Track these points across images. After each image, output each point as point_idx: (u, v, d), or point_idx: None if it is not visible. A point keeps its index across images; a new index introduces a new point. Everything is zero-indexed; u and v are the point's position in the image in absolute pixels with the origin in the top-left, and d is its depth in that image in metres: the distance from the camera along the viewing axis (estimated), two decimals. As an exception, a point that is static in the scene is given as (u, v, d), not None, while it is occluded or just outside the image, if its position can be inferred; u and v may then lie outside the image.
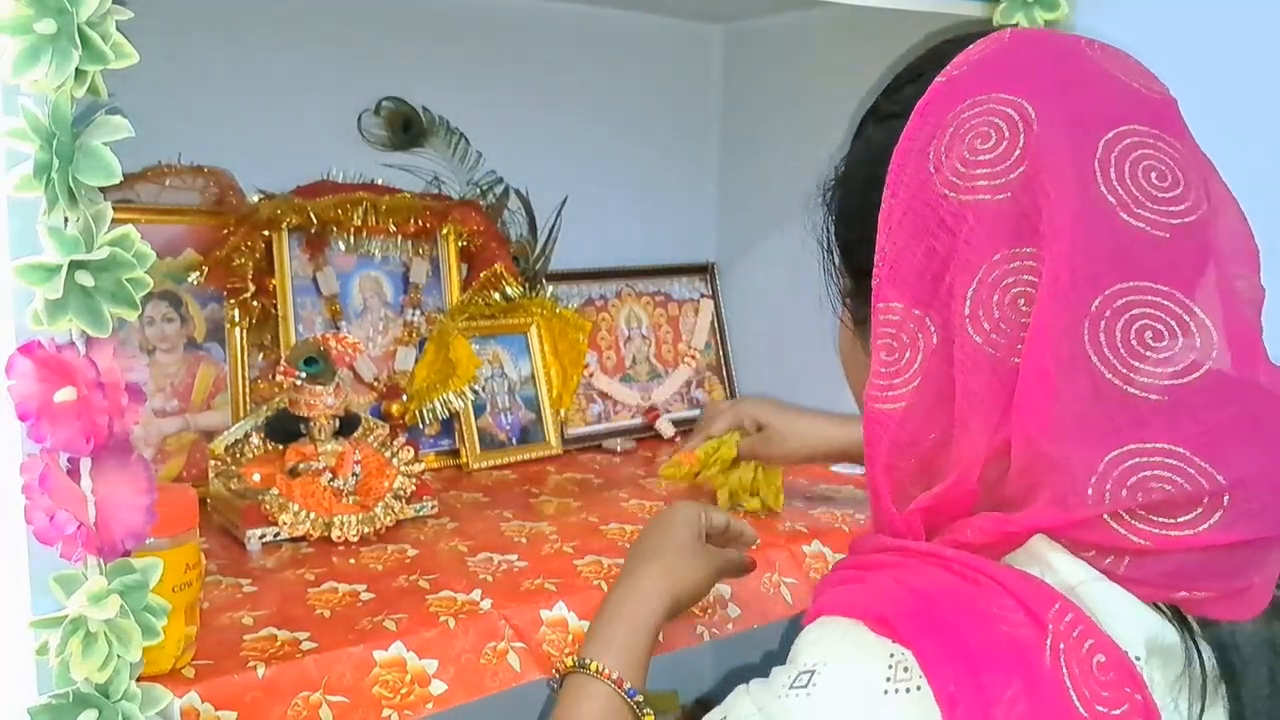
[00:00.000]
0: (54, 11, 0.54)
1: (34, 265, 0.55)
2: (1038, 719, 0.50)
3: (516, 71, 1.43)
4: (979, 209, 0.56)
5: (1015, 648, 0.52)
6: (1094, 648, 0.52)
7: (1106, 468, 0.53)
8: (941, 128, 0.58)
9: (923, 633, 0.53)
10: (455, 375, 1.25)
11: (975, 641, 0.52)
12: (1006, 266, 0.55)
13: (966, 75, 0.59)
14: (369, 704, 0.76)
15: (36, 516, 0.57)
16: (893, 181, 0.59)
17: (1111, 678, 0.51)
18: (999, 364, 0.56)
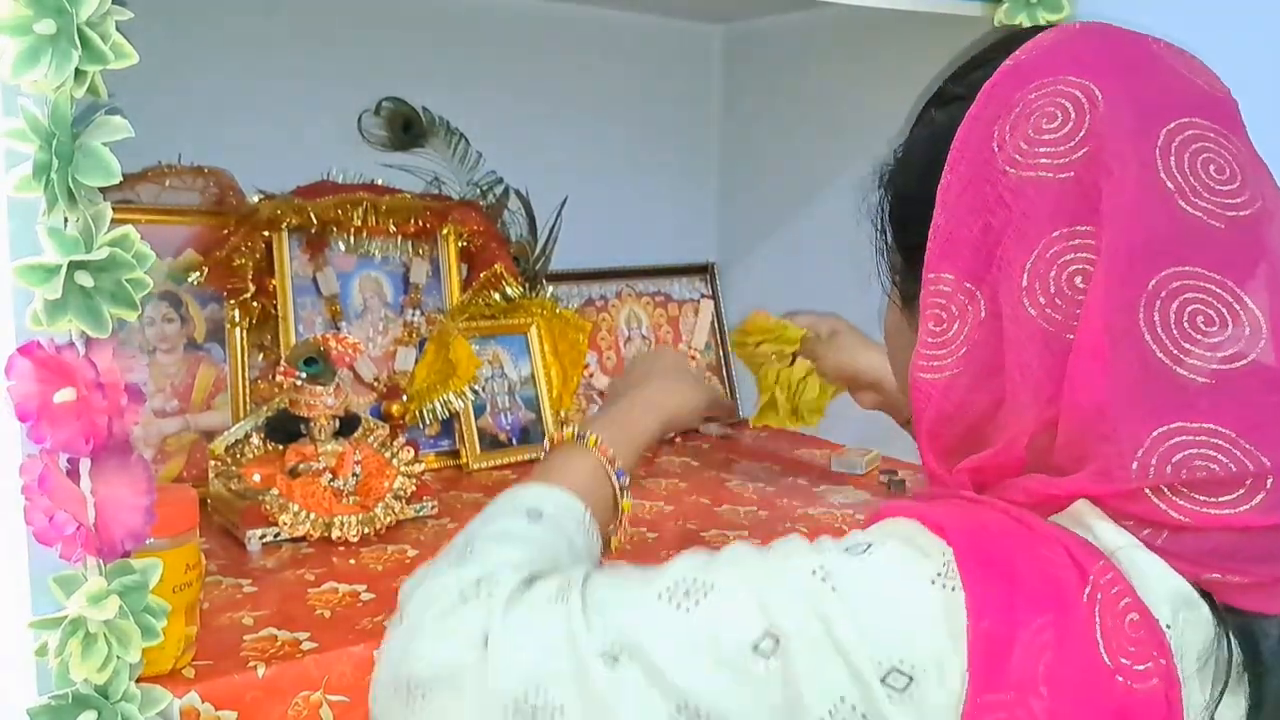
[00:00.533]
0: (53, 12, 0.54)
1: (34, 266, 0.55)
2: (1062, 655, 0.51)
3: (517, 72, 1.43)
4: (1040, 185, 0.57)
5: (1055, 585, 0.53)
6: (1129, 606, 0.53)
7: (1153, 443, 0.54)
8: (1007, 108, 0.59)
9: (972, 546, 0.55)
10: (455, 376, 1.25)
11: (1020, 569, 0.54)
12: (1065, 244, 0.56)
13: (1035, 59, 0.60)
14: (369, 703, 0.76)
15: (36, 517, 0.57)
16: (954, 158, 0.61)
17: (1141, 636, 0.52)
18: (1053, 339, 0.57)
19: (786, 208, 1.53)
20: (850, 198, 1.07)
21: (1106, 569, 0.54)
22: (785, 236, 1.54)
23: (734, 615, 0.55)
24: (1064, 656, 0.51)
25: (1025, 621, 0.52)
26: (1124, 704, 0.51)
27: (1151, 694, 0.52)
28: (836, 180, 1.44)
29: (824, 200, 1.46)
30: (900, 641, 0.53)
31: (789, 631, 0.54)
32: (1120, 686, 0.51)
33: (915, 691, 0.52)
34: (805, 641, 0.53)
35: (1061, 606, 0.52)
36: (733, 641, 0.54)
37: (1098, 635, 0.52)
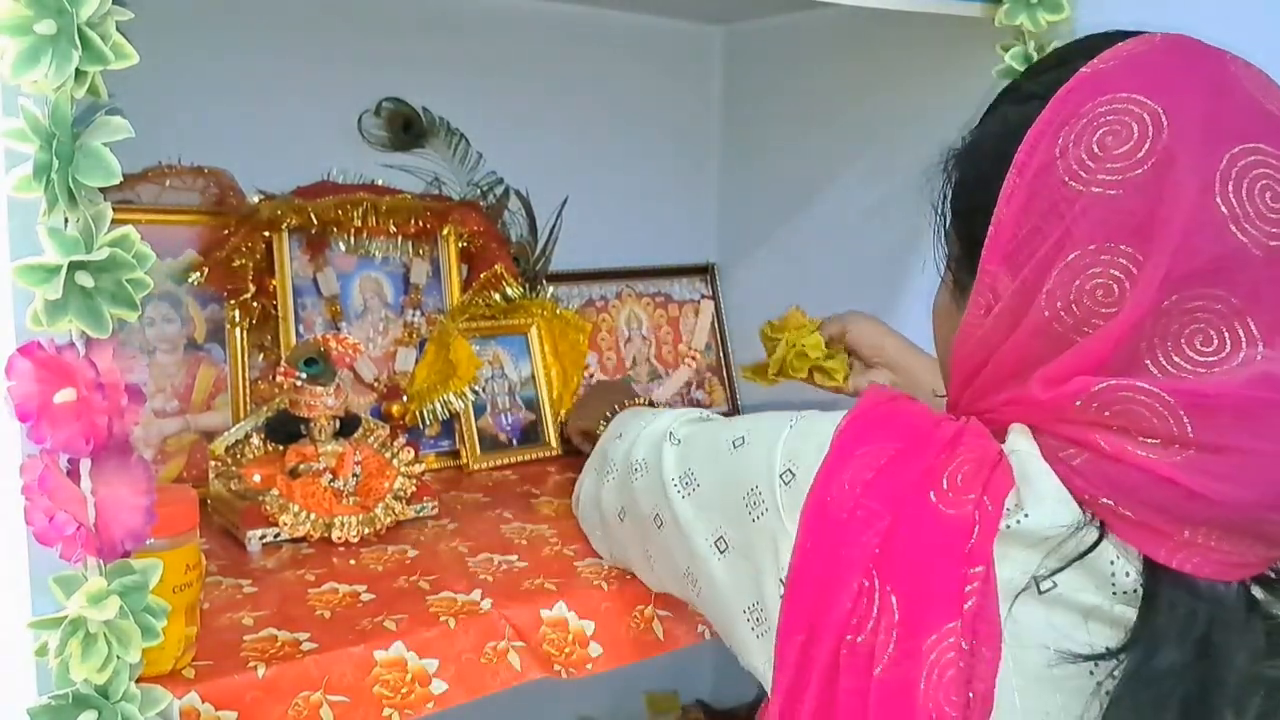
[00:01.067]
0: (54, 12, 0.54)
1: (34, 266, 0.55)
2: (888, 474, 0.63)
3: (517, 72, 1.43)
4: (1090, 200, 0.59)
5: (921, 435, 0.64)
6: (982, 469, 0.61)
7: (1101, 390, 0.58)
8: (1076, 116, 0.60)
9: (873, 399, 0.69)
10: (455, 376, 1.25)
11: (896, 415, 0.67)
12: (1098, 257, 0.58)
13: (1111, 70, 0.61)
14: (370, 703, 0.76)
15: (36, 517, 0.57)
16: (1020, 160, 0.62)
17: (976, 483, 0.60)
18: (1057, 337, 0.60)
19: (787, 208, 1.53)
20: (851, 198, 1.08)
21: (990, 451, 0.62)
22: (786, 237, 1.54)
23: (740, 424, 0.74)
24: (891, 472, 0.63)
25: (874, 441, 0.64)
26: (925, 517, 0.60)
27: (959, 519, 0.60)
28: (837, 181, 1.44)
29: (825, 201, 1.46)
30: (799, 452, 0.67)
31: (753, 435, 0.72)
32: (929, 505, 0.61)
33: (793, 484, 0.66)
34: (755, 441, 0.71)
35: (913, 444, 0.63)
36: (726, 435, 0.74)
37: (938, 476, 0.61)
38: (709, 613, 0.76)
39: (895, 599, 0.60)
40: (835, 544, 0.62)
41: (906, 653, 0.58)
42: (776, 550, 0.66)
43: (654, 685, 1.63)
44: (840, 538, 0.62)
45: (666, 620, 0.90)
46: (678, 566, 0.77)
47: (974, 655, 0.58)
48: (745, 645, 0.70)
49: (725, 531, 0.71)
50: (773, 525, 0.66)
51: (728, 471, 0.72)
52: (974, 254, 0.66)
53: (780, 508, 0.66)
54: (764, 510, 0.67)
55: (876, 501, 0.62)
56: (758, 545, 0.68)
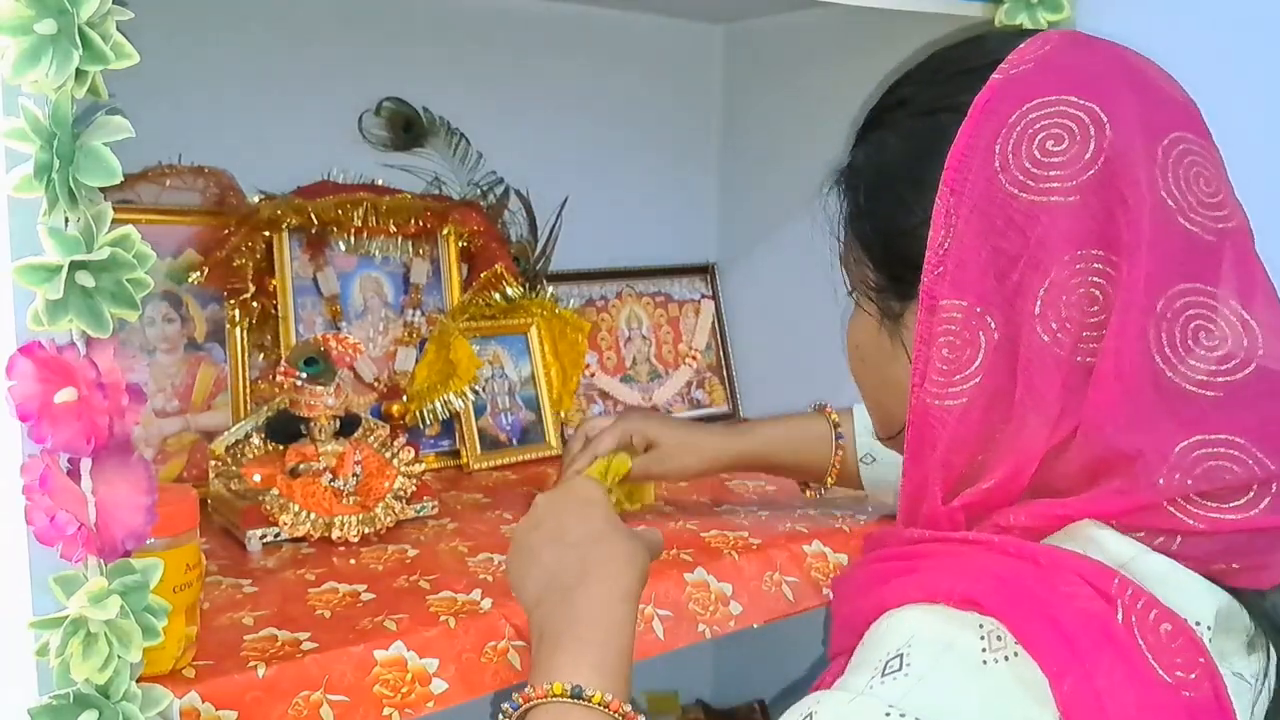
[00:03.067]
0: (54, 12, 0.54)
1: (34, 266, 0.55)
2: (1132, 686, 0.52)
3: (517, 72, 1.43)
4: (1052, 210, 0.56)
5: (1096, 619, 0.53)
6: (1159, 617, 0.54)
7: (1178, 456, 0.55)
8: (1007, 126, 0.58)
9: (1010, 604, 0.53)
10: (456, 376, 1.25)
11: (1059, 613, 0.53)
12: (1075, 268, 0.56)
13: (1030, 73, 0.59)
14: (370, 703, 0.76)
15: (37, 517, 0.57)
16: (953, 179, 0.59)
17: (1180, 644, 0.54)
18: (1063, 362, 0.57)
19: (787, 208, 1.53)
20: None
21: (1125, 585, 0.54)
22: (786, 237, 1.54)
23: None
24: (1138, 690, 0.52)
25: (1096, 667, 0.52)
26: (1190, 713, 0.53)
27: (1206, 698, 0.53)
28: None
29: (825, 201, 1.46)
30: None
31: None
32: (1185, 701, 0.53)
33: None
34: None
35: (1111, 639, 0.53)
36: None
37: (1148, 657, 0.53)
38: None
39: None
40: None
41: None
42: None
43: (654, 685, 1.63)
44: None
45: (666, 620, 0.90)
46: None
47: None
48: None
49: None
50: None
51: None
52: (905, 282, 0.62)
53: None
54: None
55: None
56: None
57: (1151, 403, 0.56)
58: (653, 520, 1.07)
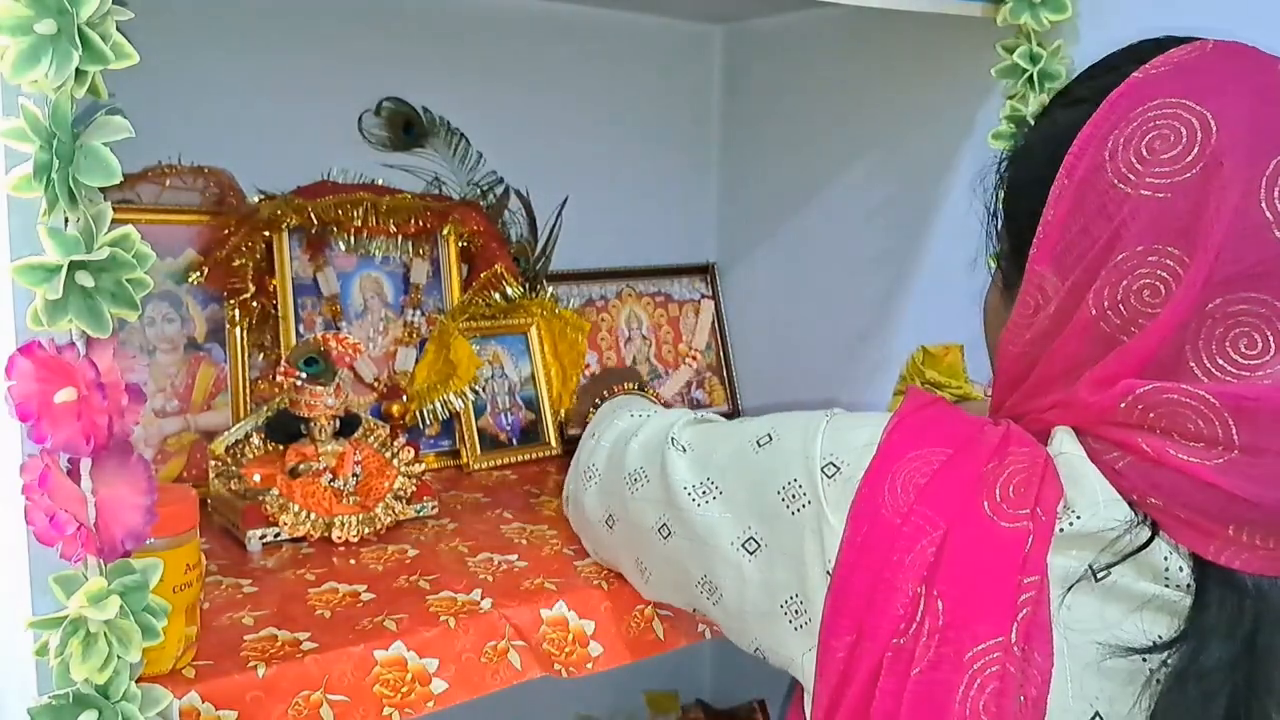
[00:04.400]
0: (54, 12, 0.54)
1: (34, 265, 0.55)
2: (940, 480, 0.63)
3: (517, 72, 1.43)
4: (1138, 203, 0.60)
5: (970, 440, 0.65)
6: (1034, 478, 0.62)
7: (1146, 393, 0.59)
8: (1127, 120, 0.62)
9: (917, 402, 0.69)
10: (455, 376, 1.25)
11: (944, 420, 0.67)
12: (1146, 259, 0.60)
13: (1161, 76, 0.63)
14: (370, 703, 0.76)
15: (37, 517, 0.57)
16: (1070, 162, 0.64)
17: (1029, 496, 0.61)
18: (1105, 338, 0.61)
19: (787, 208, 1.53)
20: (852, 197, 1.08)
21: (1037, 455, 0.63)
22: (786, 236, 1.54)
23: (760, 424, 0.74)
24: (942, 479, 0.63)
25: (925, 445, 0.65)
26: (980, 531, 0.61)
27: (1014, 533, 0.60)
28: (837, 180, 1.44)
29: (825, 200, 1.46)
30: (843, 447, 0.67)
31: (781, 431, 0.72)
32: (984, 518, 0.61)
33: (838, 478, 0.66)
34: (786, 436, 0.71)
35: (963, 449, 0.64)
36: (748, 436, 0.73)
37: (990, 483, 0.62)
38: (730, 619, 0.74)
39: (942, 605, 0.60)
40: (888, 549, 0.62)
41: (946, 658, 0.59)
42: (821, 541, 0.66)
43: (654, 685, 1.63)
44: (893, 543, 0.62)
45: (666, 620, 0.91)
46: (689, 576, 0.76)
47: (1026, 661, 0.58)
48: (780, 640, 0.69)
49: (756, 531, 0.70)
50: (815, 516, 0.66)
51: (757, 469, 0.71)
52: (1023, 254, 0.67)
53: (823, 499, 0.66)
54: (805, 502, 0.67)
55: (931, 509, 0.62)
56: (798, 537, 0.67)
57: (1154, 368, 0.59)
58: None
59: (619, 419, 0.89)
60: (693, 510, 0.74)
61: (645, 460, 0.80)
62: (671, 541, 0.77)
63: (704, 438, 0.78)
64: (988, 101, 1.19)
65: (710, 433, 0.78)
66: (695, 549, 0.74)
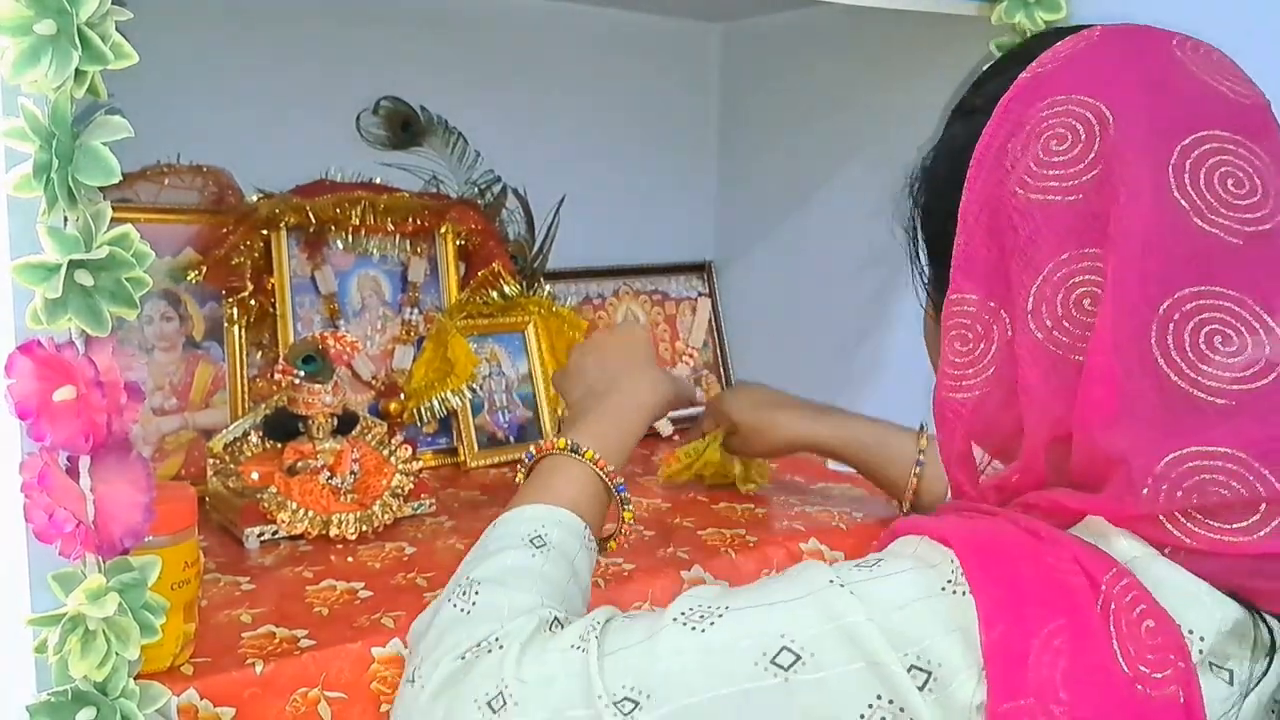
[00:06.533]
0: (54, 12, 0.54)
1: (33, 264, 0.56)
2: (1078, 661, 0.51)
3: (515, 71, 1.43)
4: (1047, 209, 0.57)
5: (1066, 592, 0.53)
6: (1145, 613, 0.52)
7: (1166, 467, 0.53)
8: (1020, 126, 0.59)
9: (977, 553, 0.55)
10: (453, 374, 1.25)
11: (1027, 576, 0.54)
12: (1072, 267, 0.56)
13: (1050, 74, 0.60)
14: (367, 699, 0.76)
15: (36, 515, 0.57)
16: (971, 176, 0.61)
17: (1159, 643, 0.52)
18: (1060, 360, 0.57)
19: (784, 206, 1.53)
20: (848, 195, 1.07)
21: (1120, 576, 0.53)
22: (783, 235, 1.54)
23: (749, 629, 0.55)
24: (1080, 663, 0.51)
25: (1037, 628, 0.52)
26: (1142, 711, 0.51)
27: (1169, 700, 0.51)
28: (834, 179, 1.45)
29: (821, 198, 1.47)
30: (917, 640, 0.53)
31: (807, 640, 0.54)
32: (1139, 695, 0.51)
33: (936, 687, 0.52)
34: (825, 647, 0.53)
35: (1073, 613, 0.52)
36: (747, 657, 0.54)
37: (1114, 644, 0.52)
38: None
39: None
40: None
41: None
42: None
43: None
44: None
45: (663, 617, 0.91)
46: None
47: None
48: None
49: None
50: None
51: (798, 705, 0.53)
52: (944, 277, 0.63)
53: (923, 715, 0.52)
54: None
55: (1089, 710, 0.51)
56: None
57: (1148, 409, 0.54)
58: (649, 519, 1.07)
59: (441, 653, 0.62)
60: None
61: None
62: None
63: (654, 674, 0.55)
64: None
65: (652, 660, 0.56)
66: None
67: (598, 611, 0.62)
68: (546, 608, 0.64)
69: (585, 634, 0.58)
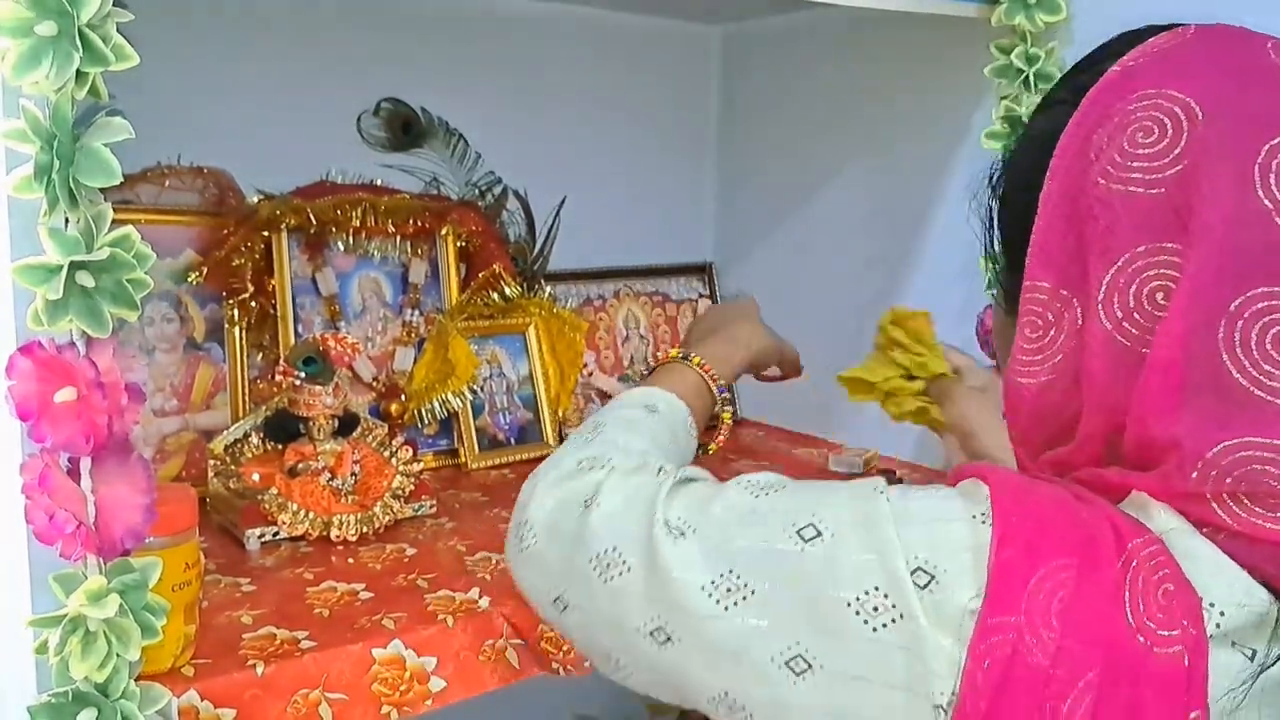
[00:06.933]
0: (55, 14, 0.54)
1: (34, 266, 0.56)
2: (1080, 598, 0.53)
3: (515, 73, 1.43)
4: (1129, 200, 0.57)
5: (1089, 540, 0.54)
6: (1166, 578, 0.53)
7: (1217, 455, 0.54)
8: (1107, 117, 0.59)
9: (1012, 495, 0.57)
10: (454, 375, 1.25)
11: (1052, 518, 0.56)
12: (1148, 260, 0.56)
13: (1140, 67, 0.59)
14: (368, 701, 0.76)
15: (36, 516, 0.57)
16: (1054, 166, 0.61)
17: (1173, 605, 0.52)
18: (1125, 352, 0.57)
19: (784, 207, 1.53)
20: (848, 196, 1.07)
21: (1151, 542, 0.54)
22: (783, 236, 1.54)
23: (791, 504, 0.61)
24: (1082, 600, 0.53)
25: (1047, 559, 0.54)
26: (1138, 663, 0.52)
27: (1171, 660, 0.52)
28: (834, 180, 1.45)
29: (822, 200, 1.47)
30: (931, 550, 0.55)
31: (832, 522, 0.59)
32: (1138, 646, 0.52)
33: (936, 589, 0.54)
34: (845, 532, 0.58)
35: (1089, 557, 0.54)
36: (779, 521, 0.60)
37: (1124, 595, 0.53)
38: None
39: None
40: (1038, 697, 0.52)
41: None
42: (925, 666, 0.54)
43: (652, 684, 1.63)
44: (1045, 691, 0.52)
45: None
46: (698, 689, 0.62)
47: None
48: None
49: (808, 647, 0.57)
50: (910, 638, 0.54)
51: (808, 572, 0.57)
52: (1019, 267, 0.63)
53: (920, 615, 0.54)
54: (892, 618, 0.55)
55: (1081, 643, 0.52)
56: (879, 660, 0.55)
57: (1208, 400, 0.54)
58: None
59: (565, 458, 0.73)
60: (712, 617, 0.59)
61: (619, 540, 0.64)
62: (671, 650, 0.61)
63: (706, 515, 0.63)
64: (983, 102, 1.19)
65: (710, 506, 0.64)
66: (712, 662, 0.60)
67: (690, 468, 0.70)
68: (653, 454, 0.74)
69: (670, 474, 0.69)
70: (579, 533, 0.66)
